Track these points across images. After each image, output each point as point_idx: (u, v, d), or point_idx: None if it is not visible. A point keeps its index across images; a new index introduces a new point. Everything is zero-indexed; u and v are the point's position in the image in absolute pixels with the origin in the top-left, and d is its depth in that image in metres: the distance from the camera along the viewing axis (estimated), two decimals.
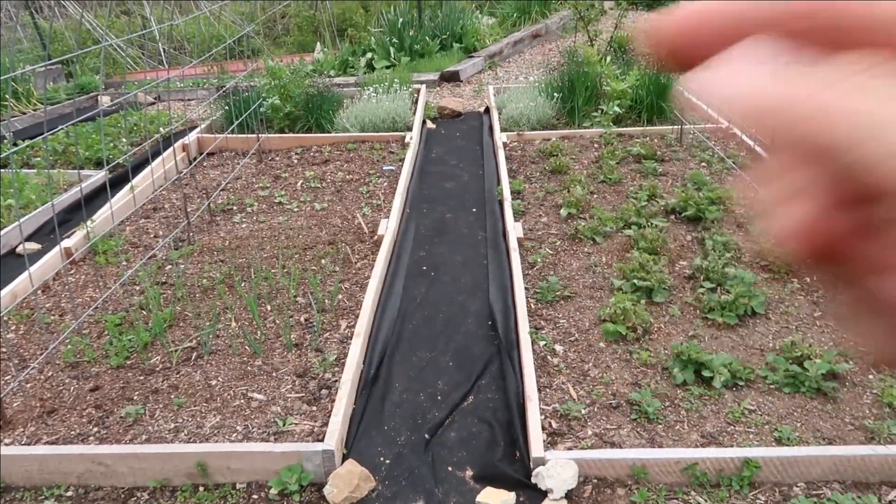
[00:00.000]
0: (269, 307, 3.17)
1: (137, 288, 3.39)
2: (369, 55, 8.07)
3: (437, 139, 5.71)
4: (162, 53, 10.52)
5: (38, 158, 5.57)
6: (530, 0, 9.71)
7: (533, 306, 3.11)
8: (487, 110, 6.19)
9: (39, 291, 3.40)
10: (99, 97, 7.96)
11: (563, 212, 3.98)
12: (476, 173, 4.87)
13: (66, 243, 3.69)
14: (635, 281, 3.11)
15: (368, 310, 3.01)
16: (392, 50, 7.99)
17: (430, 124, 6.03)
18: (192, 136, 5.35)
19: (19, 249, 3.94)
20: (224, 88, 7.77)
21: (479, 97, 7.01)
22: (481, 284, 3.37)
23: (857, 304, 0.25)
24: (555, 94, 5.68)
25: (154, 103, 7.94)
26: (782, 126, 0.22)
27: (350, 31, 8.96)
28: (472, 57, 8.07)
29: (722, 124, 5.28)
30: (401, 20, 8.18)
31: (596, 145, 5.16)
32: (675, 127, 5.25)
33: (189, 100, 8.05)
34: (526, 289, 3.19)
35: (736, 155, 4.77)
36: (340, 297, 3.25)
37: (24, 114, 7.19)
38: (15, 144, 5.74)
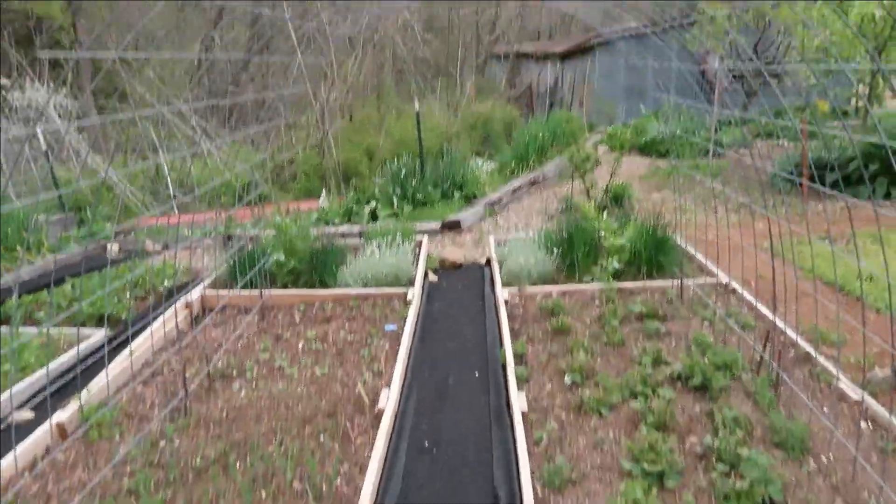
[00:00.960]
0: (263, 493, 3.03)
1: (129, 469, 3.27)
2: (373, 204, 8.35)
3: (439, 292, 5.75)
4: (173, 199, 10.91)
5: (42, 313, 5.60)
6: (527, 148, 10.19)
7: (540, 492, 2.97)
8: (489, 262, 6.30)
9: (26, 472, 3.28)
10: (108, 246, 8.16)
11: (567, 379, 3.92)
12: (478, 331, 4.86)
13: (59, 417, 3.61)
14: (645, 465, 2.99)
15: (368, 500, 2.87)
16: (395, 199, 8.28)
17: (432, 276, 6.10)
18: (195, 295, 5.39)
19: (10, 420, 3.84)
20: (230, 239, 7.97)
21: (480, 246, 7.16)
22: (485, 460, 3.25)
23: None
24: (554, 248, 5.79)
25: (161, 252, 8.11)
26: None
27: (355, 179, 9.33)
28: (472, 205, 8.34)
29: (721, 279, 5.34)
30: (403, 170, 8.53)
31: (597, 302, 5.19)
32: (675, 281, 5.30)
33: (196, 248, 8.21)
34: (532, 472, 3.07)
35: (737, 313, 4.77)
36: (339, 480, 3.12)
37: (33, 263, 7.32)
38: (20, 297, 5.80)
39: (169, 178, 10.77)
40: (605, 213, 6.24)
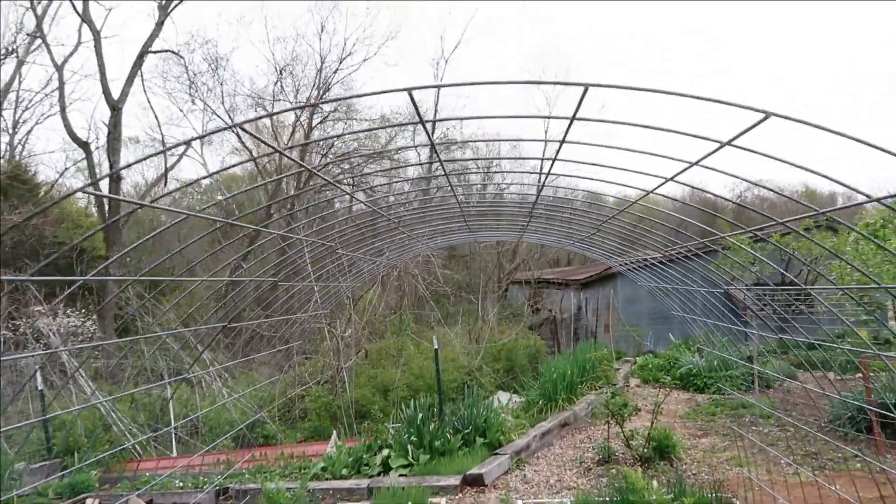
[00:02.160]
0: None
1: None
2: (386, 452, 7.48)
3: None
4: (174, 439, 10.10)
5: None
6: (555, 386, 9.46)
7: None
8: None
9: None
10: (88, 501, 7.25)
11: None
12: None
13: None
14: None
15: None
16: (410, 448, 7.41)
17: None
18: None
19: None
20: (224, 493, 7.06)
21: None
22: None
23: None
24: None
25: None
26: None
27: (367, 423, 8.55)
28: (497, 454, 7.41)
29: None
30: (420, 415, 7.77)
31: None
32: None
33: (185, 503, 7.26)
34: None
35: None
36: None
37: None
38: None
39: (172, 416, 10.09)
40: (649, 471, 5.33)
